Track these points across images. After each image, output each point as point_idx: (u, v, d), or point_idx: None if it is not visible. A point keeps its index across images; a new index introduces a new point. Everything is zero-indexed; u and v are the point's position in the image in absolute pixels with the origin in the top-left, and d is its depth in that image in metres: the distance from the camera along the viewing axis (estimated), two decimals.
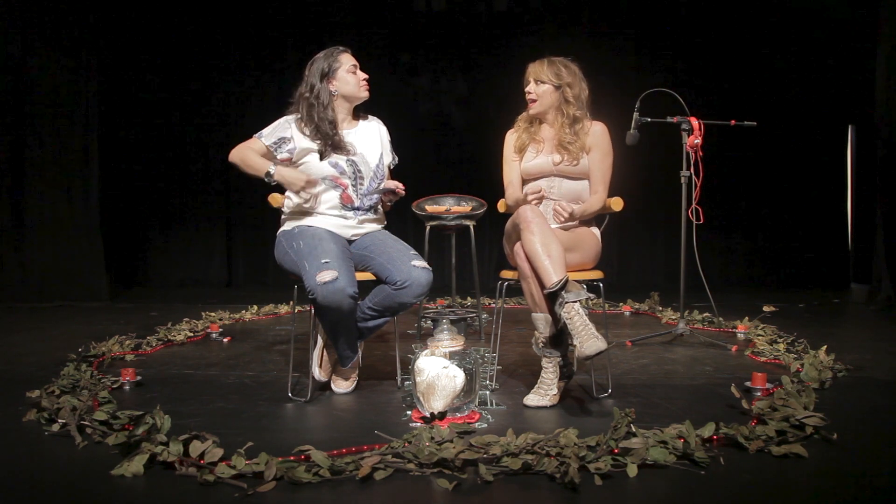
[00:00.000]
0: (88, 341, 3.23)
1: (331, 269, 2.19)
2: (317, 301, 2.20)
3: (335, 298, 2.18)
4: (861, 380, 2.58)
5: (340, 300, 2.18)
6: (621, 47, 6.25)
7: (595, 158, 2.54)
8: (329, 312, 2.24)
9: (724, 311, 3.83)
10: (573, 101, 2.52)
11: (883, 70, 4.89)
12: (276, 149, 2.46)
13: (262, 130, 2.52)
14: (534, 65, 2.56)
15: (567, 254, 2.25)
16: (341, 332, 2.35)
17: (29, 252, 5.28)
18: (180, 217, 6.62)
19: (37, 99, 5.25)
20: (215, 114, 6.52)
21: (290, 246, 2.38)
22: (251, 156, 2.45)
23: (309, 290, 2.19)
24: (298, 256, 2.31)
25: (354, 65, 2.52)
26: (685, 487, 1.55)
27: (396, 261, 2.35)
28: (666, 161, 4.03)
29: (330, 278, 2.17)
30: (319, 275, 2.17)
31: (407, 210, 3.63)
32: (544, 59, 2.55)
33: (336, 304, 2.19)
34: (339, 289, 2.17)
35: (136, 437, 1.69)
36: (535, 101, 2.55)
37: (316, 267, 2.20)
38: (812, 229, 6.18)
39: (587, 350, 1.99)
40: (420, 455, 1.64)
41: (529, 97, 2.56)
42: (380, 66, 6.11)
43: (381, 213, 2.63)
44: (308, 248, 2.31)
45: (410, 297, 2.33)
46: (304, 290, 2.23)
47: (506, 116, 2.75)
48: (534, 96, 2.54)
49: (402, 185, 2.53)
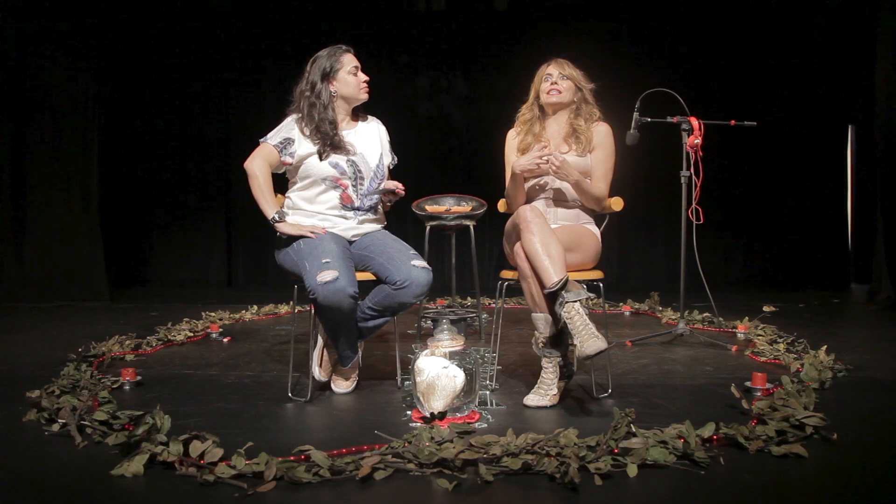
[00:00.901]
0: (88, 341, 3.23)
1: (331, 268, 2.19)
2: (317, 301, 2.20)
3: (336, 298, 2.18)
4: (861, 380, 2.58)
5: (341, 300, 2.18)
6: (621, 47, 6.25)
7: (599, 157, 2.55)
8: (330, 312, 2.24)
9: (724, 311, 3.83)
10: (593, 102, 2.60)
11: (883, 70, 4.88)
12: (282, 150, 2.46)
13: (268, 134, 2.51)
14: (559, 60, 2.59)
15: (567, 254, 2.25)
16: (342, 332, 2.35)
17: (29, 252, 5.27)
18: (180, 217, 6.62)
19: (37, 99, 5.25)
20: (215, 114, 6.53)
21: (291, 246, 2.38)
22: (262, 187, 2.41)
23: (309, 290, 2.19)
24: (299, 256, 2.31)
25: (356, 66, 2.52)
26: (685, 487, 1.55)
27: (396, 260, 2.35)
28: (666, 161, 4.03)
29: (330, 278, 2.17)
30: (320, 275, 2.17)
31: (407, 210, 3.63)
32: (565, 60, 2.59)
33: (336, 303, 2.19)
34: (340, 289, 2.17)
35: (136, 437, 1.69)
36: (559, 93, 2.55)
37: (317, 267, 2.20)
38: (812, 229, 6.18)
39: (587, 350, 1.99)
40: (420, 455, 1.64)
41: (554, 87, 2.55)
42: (380, 67, 6.11)
43: (381, 213, 2.63)
44: (309, 248, 2.31)
45: (410, 296, 2.33)
46: (305, 289, 2.23)
47: (506, 116, 2.76)
48: (560, 88, 2.55)
49: (402, 186, 2.53)
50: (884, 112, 4.90)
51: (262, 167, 2.43)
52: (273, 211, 2.39)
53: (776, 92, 6.06)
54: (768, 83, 6.08)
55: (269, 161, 2.45)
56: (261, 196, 2.41)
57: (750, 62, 6.09)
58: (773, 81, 6.08)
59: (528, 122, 2.64)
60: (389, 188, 2.51)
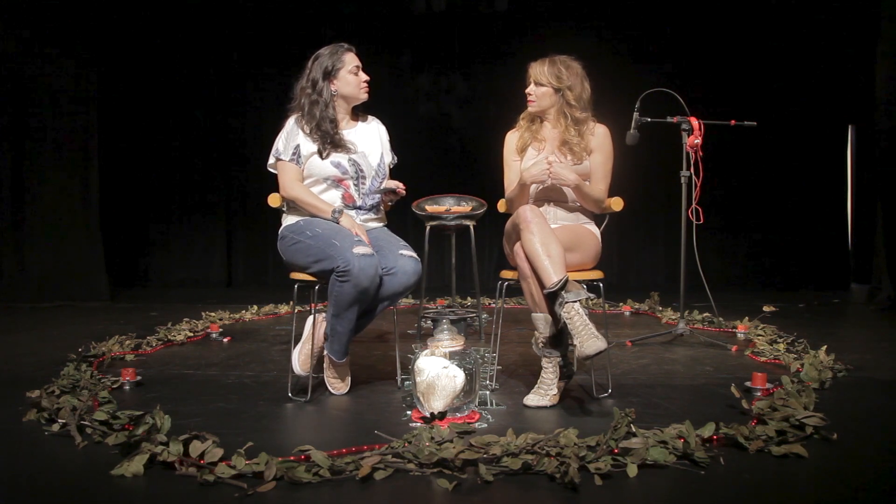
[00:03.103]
0: (88, 341, 3.23)
1: (364, 245, 2.23)
2: (350, 273, 2.18)
3: (370, 272, 2.21)
4: (861, 380, 2.58)
5: (373, 276, 2.22)
6: (621, 47, 6.25)
7: (597, 160, 2.54)
8: (356, 290, 2.22)
9: (724, 311, 3.83)
10: (575, 104, 2.50)
11: (883, 70, 4.88)
12: (297, 160, 2.47)
13: (277, 146, 2.51)
14: (535, 65, 2.53)
15: (567, 254, 2.25)
16: (348, 318, 2.32)
17: (29, 252, 5.27)
18: (180, 217, 6.62)
19: (37, 99, 5.24)
20: (215, 114, 6.53)
21: (304, 234, 2.37)
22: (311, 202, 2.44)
23: (343, 263, 2.19)
24: (321, 239, 2.30)
25: (357, 66, 2.52)
26: (685, 487, 1.55)
27: (385, 249, 2.38)
28: (666, 161, 4.03)
29: (366, 252, 2.20)
30: (356, 248, 2.20)
31: (407, 210, 3.62)
32: (546, 60, 2.52)
33: (369, 278, 2.21)
34: (375, 264, 2.22)
35: (136, 437, 1.69)
36: (532, 102, 2.55)
37: (350, 242, 2.23)
38: (812, 229, 6.18)
39: (587, 350, 1.99)
40: (420, 455, 1.64)
41: (529, 98, 2.56)
42: (380, 66, 6.10)
43: (381, 212, 2.63)
44: (332, 230, 2.33)
45: (398, 285, 2.33)
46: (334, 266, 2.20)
47: (506, 116, 2.75)
48: (533, 97, 2.54)
49: (403, 185, 2.53)
50: (884, 112, 4.90)
51: (299, 187, 2.47)
52: (330, 208, 2.42)
53: (776, 92, 6.05)
54: (768, 83, 6.08)
55: (298, 178, 2.48)
56: (315, 209, 2.44)
57: (750, 62, 6.09)
58: (773, 81, 6.08)
59: (526, 122, 2.63)
60: (390, 188, 2.52)
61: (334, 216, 2.40)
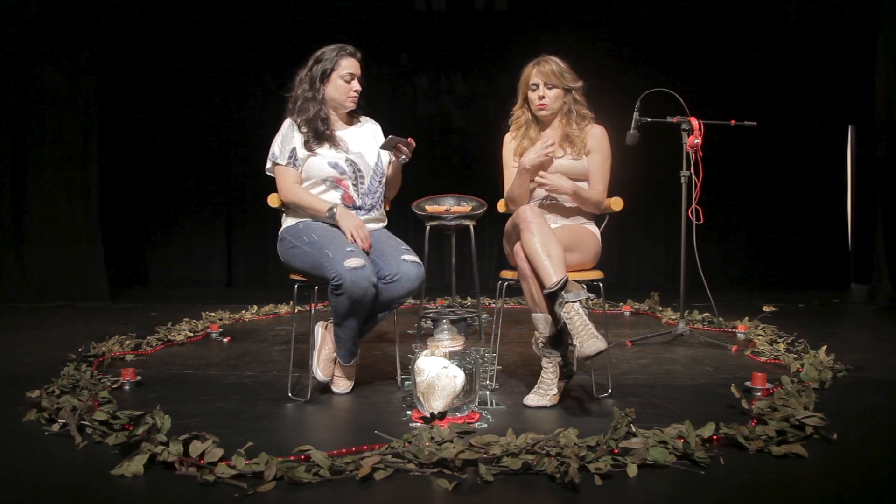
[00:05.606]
0: (88, 341, 3.23)
1: (357, 256, 2.21)
2: (343, 286, 2.18)
3: (363, 285, 2.19)
4: (861, 380, 2.58)
5: (366, 287, 2.20)
6: (621, 47, 6.25)
7: (595, 161, 2.53)
8: (350, 302, 2.22)
9: (724, 311, 3.83)
10: (582, 101, 2.53)
11: (883, 70, 4.88)
12: (294, 164, 2.47)
13: (273, 150, 2.50)
14: (539, 67, 2.48)
15: (567, 254, 2.24)
16: (350, 326, 2.33)
17: (29, 252, 5.26)
18: (180, 217, 6.62)
19: (37, 99, 5.24)
20: (215, 114, 6.53)
21: (301, 240, 2.37)
22: (308, 202, 2.44)
23: (335, 277, 2.18)
24: (315, 247, 2.30)
25: (352, 73, 2.49)
26: (685, 487, 1.55)
27: (387, 255, 2.36)
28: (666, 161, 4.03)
29: (358, 264, 2.18)
30: (348, 261, 2.18)
31: (407, 210, 3.63)
32: (543, 61, 2.48)
33: (362, 290, 2.19)
34: (367, 276, 2.19)
35: (136, 437, 1.69)
36: (546, 106, 2.49)
37: (342, 254, 2.21)
38: (812, 229, 6.18)
39: (587, 350, 1.99)
40: (420, 455, 1.64)
41: (542, 101, 2.49)
42: (380, 66, 6.11)
43: (381, 212, 2.63)
44: (326, 238, 2.31)
45: (400, 291, 2.33)
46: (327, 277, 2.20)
47: (506, 116, 2.74)
48: (547, 101, 2.49)
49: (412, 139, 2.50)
50: (884, 112, 4.90)
51: (297, 191, 2.46)
52: (326, 207, 2.41)
53: (776, 92, 6.05)
54: (768, 83, 6.08)
55: (296, 181, 2.48)
56: (313, 211, 2.43)
57: (750, 62, 6.09)
58: (773, 81, 6.08)
59: (522, 127, 2.60)
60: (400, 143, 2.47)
61: (331, 214, 2.40)
